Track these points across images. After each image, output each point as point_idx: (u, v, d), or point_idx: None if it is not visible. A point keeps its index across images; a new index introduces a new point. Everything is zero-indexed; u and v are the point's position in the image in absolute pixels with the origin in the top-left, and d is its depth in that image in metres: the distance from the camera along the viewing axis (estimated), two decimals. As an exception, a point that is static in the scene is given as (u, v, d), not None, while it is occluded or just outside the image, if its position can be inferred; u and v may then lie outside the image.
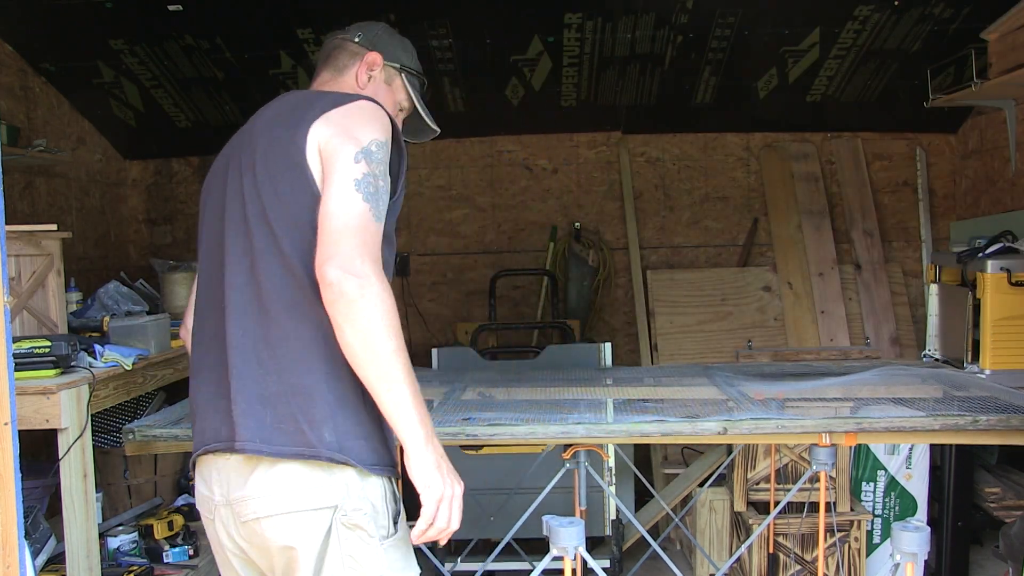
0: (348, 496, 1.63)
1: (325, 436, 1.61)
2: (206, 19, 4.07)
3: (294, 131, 1.67)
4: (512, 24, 4.27)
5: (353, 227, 1.56)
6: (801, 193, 5.11)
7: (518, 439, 2.43)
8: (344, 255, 1.53)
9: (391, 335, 1.55)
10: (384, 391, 1.56)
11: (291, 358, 1.63)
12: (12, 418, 1.45)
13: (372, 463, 1.65)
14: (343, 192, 1.58)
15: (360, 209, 1.57)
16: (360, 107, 1.71)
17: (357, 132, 1.65)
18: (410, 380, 1.57)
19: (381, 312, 1.53)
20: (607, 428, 2.41)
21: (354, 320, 1.53)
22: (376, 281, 1.54)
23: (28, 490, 2.98)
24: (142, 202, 5.24)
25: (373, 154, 1.63)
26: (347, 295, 1.52)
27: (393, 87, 1.96)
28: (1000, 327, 3.12)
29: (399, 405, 1.57)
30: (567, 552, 2.15)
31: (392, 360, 1.55)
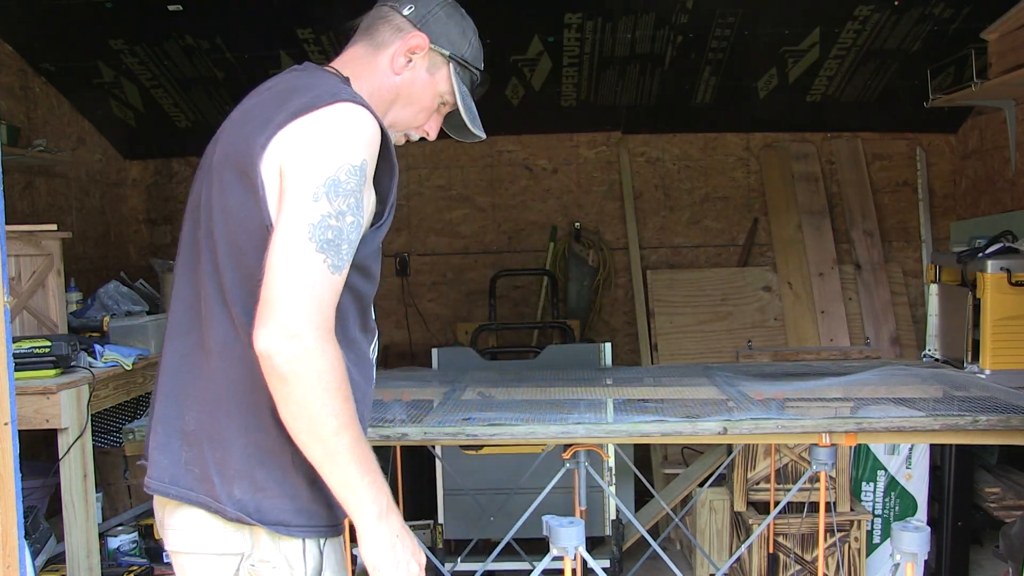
0: (257, 547, 1.47)
1: (235, 492, 1.44)
2: (206, 19, 4.07)
3: (256, 137, 1.42)
4: (512, 24, 4.27)
5: (299, 285, 1.33)
6: (801, 193, 5.10)
7: (518, 439, 2.43)
8: (281, 320, 1.32)
9: (329, 416, 1.34)
10: (327, 473, 1.38)
11: (214, 399, 1.45)
12: (12, 418, 1.45)
13: (293, 524, 1.46)
14: (292, 240, 1.34)
15: (310, 263, 1.34)
16: (334, 116, 1.41)
17: (324, 155, 1.38)
18: (358, 460, 1.38)
19: (319, 390, 1.33)
20: (607, 428, 2.41)
21: (286, 400, 1.34)
22: (316, 355, 1.32)
23: (28, 490, 2.98)
24: (142, 202, 5.24)
25: (340, 185, 1.37)
26: (278, 370, 1.32)
27: (436, 77, 1.64)
28: (1000, 327, 3.12)
29: (345, 487, 1.39)
30: (567, 552, 2.15)
31: (334, 444, 1.36)
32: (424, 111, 1.66)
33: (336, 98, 1.43)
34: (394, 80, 1.60)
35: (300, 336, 1.32)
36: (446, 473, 3.79)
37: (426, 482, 4.08)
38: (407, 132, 1.69)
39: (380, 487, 1.42)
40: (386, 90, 1.61)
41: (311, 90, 1.45)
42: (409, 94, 1.62)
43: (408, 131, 1.69)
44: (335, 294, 1.38)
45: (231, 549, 1.48)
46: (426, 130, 1.69)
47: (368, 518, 1.41)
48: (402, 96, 1.62)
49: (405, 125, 1.67)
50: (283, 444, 1.42)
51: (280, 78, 1.55)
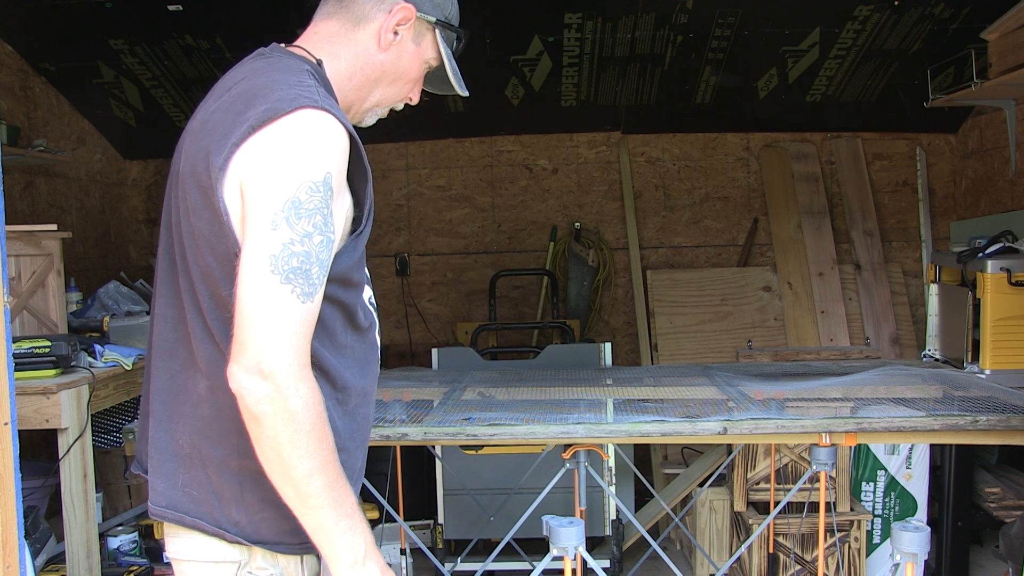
0: (254, 558, 1.45)
1: (233, 514, 1.41)
2: (206, 19, 4.08)
3: (215, 156, 1.33)
4: (512, 24, 4.27)
5: (266, 322, 1.27)
6: (801, 193, 5.11)
7: (518, 439, 2.43)
8: (251, 359, 1.27)
9: (302, 458, 1.29)
10: (301, 516, 1.33)
11: (206, 420, 1.42)
12: (12, 418, 1.45)
13: (291, 543, 1.43)
14: (255, 275, 1.27)
15: (276, 297, 1.27)
16: (293, 127, 1.31)
17: (281, 176, 1.29)
18: (332, 503, 1.32)
19: (291, 432, 1.28)
20: (607, 428, 2.41)
21: (259, 439, 1.30)
22: (289, 392, 1.27)
23: (28, 490, 2.98)
24: (142, 202, 5.24)
25: (301, 206, 1.28)
26: (250, 410, 1.28)
27: (422, 45, 1.58)
28: (1000, 327, 3.12)
29: (319, 531, 1.33)
30: (567, 552, 2.15)
31: (306, 484, 1.30)
32: (411, 83, 1.59)
33: (295, 104, 1.32)
34: (380, 58, 1.52)
35: (271, 375, 1.27)
36: (446, 473, 3.80)
37: (426, 482, 4.08)
38: (393, 105, 1.62)
39: (358, 532, 1.36)
40: (370, 68, 1.53)
41: (271, 93, 1.34)
42: (396, 70, 1.55)
43: (394, 104, 1.62)
44: (308, 323, 1.31)
45: (228, 558, 1.46)
46: (410, 98, 1.63)
47: (344, 565, 1.35)
48: (388, 73, 1.55)
49: (391, 100, 1.60)
50: None
51: (242, 70, 1.45)
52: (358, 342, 1.50)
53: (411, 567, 3.50)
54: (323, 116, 1.33)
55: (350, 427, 1.49)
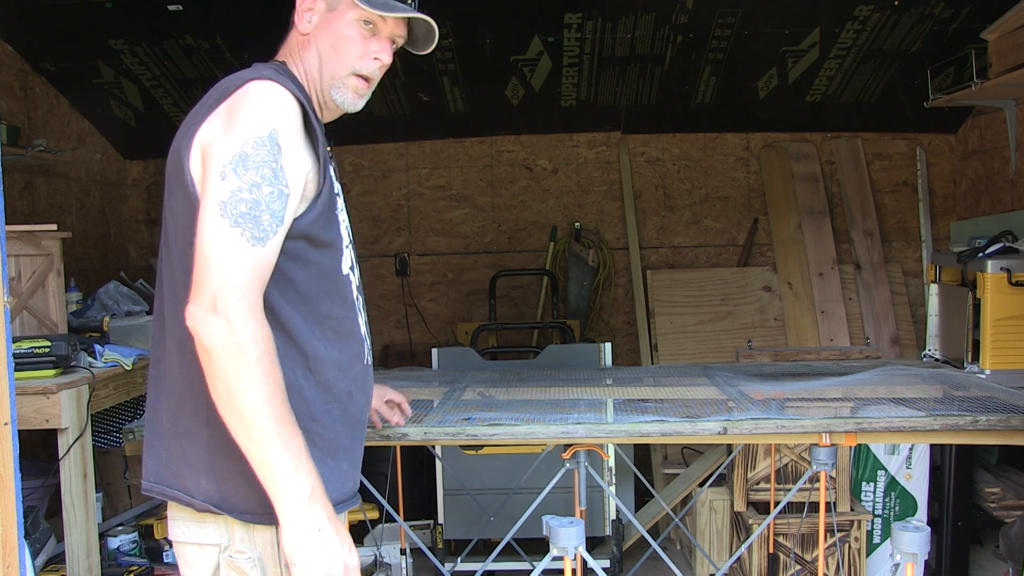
0: (232, 539, 1.51)
1: (202, 483, 1.48)
2: (206, 19, 4.08)
3: (183, 138, 1.50)
4: (512, 24, 4.27)
5: (217, 262, 1.37)
6: (801, 193, 5.11)
7: (518, 439, 2.43)
8: (203, 298, 1.36)
9: (249, 390, 1.36)
10: (248, 451, 1.39)
11: (179, 397, 1.50)
12: (12, 418, 1.45)
13: (258, 512, 1.47)
14: (208, 220, 1.39)
15: (226, 238, 1.37)
16: (241, 96, 1.46)
17: (230, 134, 1.42)
18: (279, 438, 1.37)
19: (237, 364, 1.35)
20: (607, 428, 2.41)
21: (209, 372, 1.38)
22: (237, 327, 1.35)
23: (28, 490, 2.98)
24: (142, 202, 5.24)
25: (248, 159, 1.40)
26: (202, 343, 1.36)
27: (340, 8, 1.61)
28: (1000, 327, 3.12)
29: (264, 466, 1.38)
30: (567, 552, 2.15)
31: (251, 415, 1.36)
32: (353, 42, 1.62)
33: (244, 80, 1.48)
34: (307, 38, 1.62)
35: (223, 311, 1.36)
36: (446, 473, 3.80)
37: (426, 482, 4.08)
38: (360, 72, 1.64)
39: (304, 472, 1.39)
40: (307, 51, 1.62)
41: (229, 82, 1.50)
42: (328, 41, 1.61)
43: (358, 71, 1.64)
44: (259, 266, 1.40)
45: (209, 540, 1.53)
46: (374, 57, 1.63)
47: (288, 503, 1.39)
48: (323, 46, 1.61)
49: (348, 68, 1.63)
50: None
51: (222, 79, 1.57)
52: (344, 317, 1.58)
53: (411, 567, 3.50)
54: (269, 84, 1.47)
55: (323, 398, 1.55)
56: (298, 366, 1.51)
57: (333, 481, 1.55)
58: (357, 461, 1.66)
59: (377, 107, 4.79)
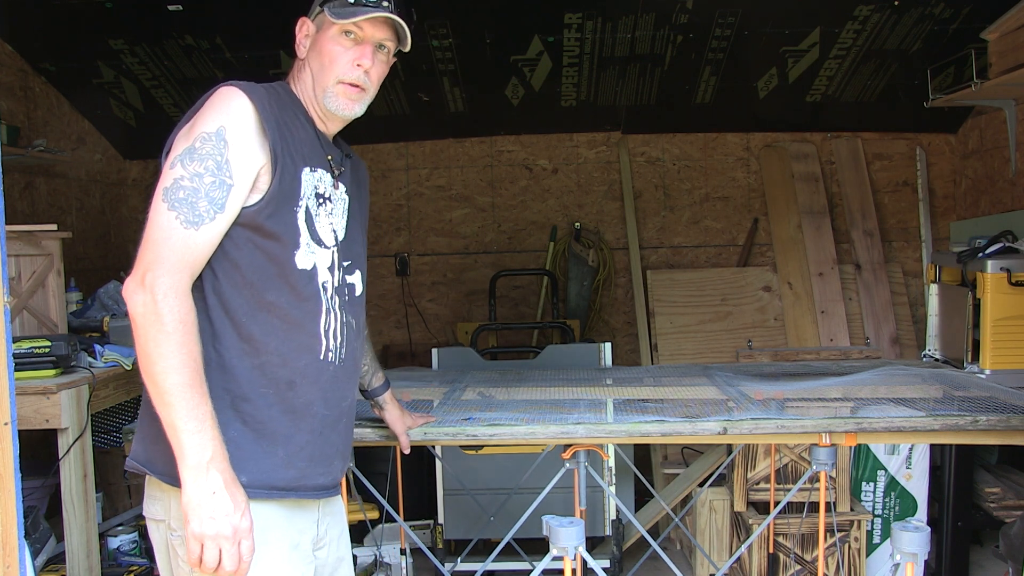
0: (170, 515, 1.63)
1: (135, 445, 1.67)
2: (206, 19, 4.08)
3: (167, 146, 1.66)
4: (512, 24, 4.27)
5: (152, 240, 1.54)
6: (801, 193, 5.11)
7: (518, 439, 2.43)
8: (137, 271, 1.53)
9: (162, 354, 1.48)
10: (160, 415, 1.51)
11: None
12: (12, 418, 1.45)
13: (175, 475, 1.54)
14: (153, 204, 1.56)
15: (162, 221, 1.54)
16: (211, 98, 1.64)
17: (192, 130, 1.60)
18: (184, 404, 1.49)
19: (153, 332, 1.49)
20: (607, 428, 2.41)
21: (135, 339, 1.52)
22: (158, 298, 1.49)
23: (28, 490, 2.98)
24: (142, 202, 5.23)
25: (195, 152, 1.57)
26: (131, 312, 1.52)
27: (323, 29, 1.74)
28: (1000, 327, 3.12)
29: (170, 428, 1.50)
30: (567, 552, 2.15)
31: (161, 380, 1.49)
32: (337, 54, 1.74)
33: (218, 87, 1.65)
34: (303, 61, 1.78)
35: (148, 285, 1.50)
36: (446, 473, 3.80)
37: (426, 482, 4.08)
38: (344, 79, 1.74)
39: (207, 437, 1.50)
40: (303, 72, 1.77)
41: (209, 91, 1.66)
42: (317, 58, 1.75)
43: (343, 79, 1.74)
44: (190, 249, 1.55)
45: (156, 515, 1.66)
46: (355, 64, 1.74)
47: (188, 464, 1.50)
48: (314, 64, 1.76)
49: (335, 77, 1.74)
50: None
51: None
52: (292, 308, 1.65)
53: (411, 567, 3.50)
54: (229, 88, 1.63)
55: (258, 381, 1.63)
56: (233, 346, 1.62)
57: (264, 464, 1.64)
58: (301, 452, 1.69)
59: (377, 107, 4.78)
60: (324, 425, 1.73)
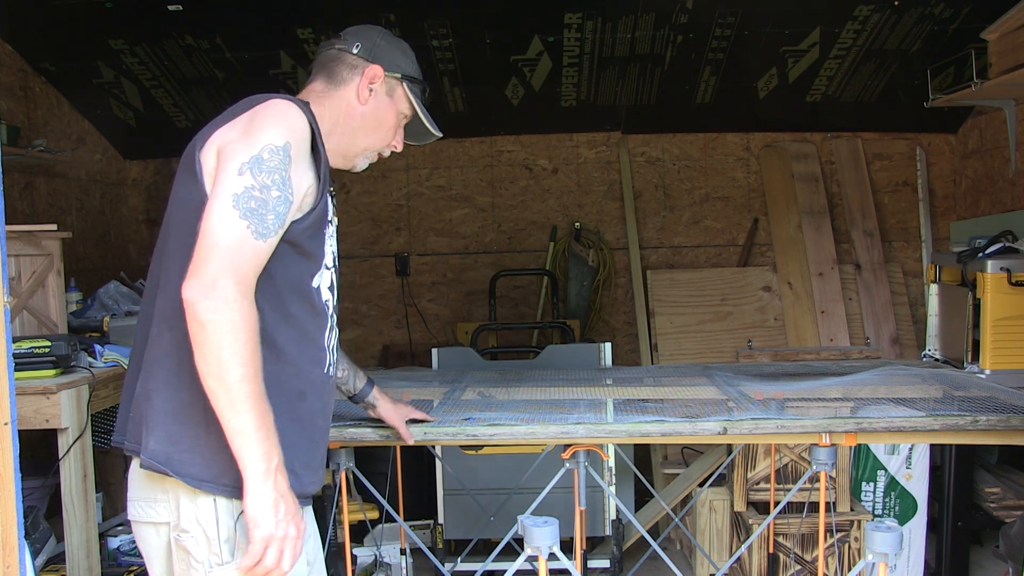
0: (179, 516, 1.62)
1: (150, 443, 1.60)
2: (206, 19, 4.08)
3: (201, 137, 1.65)
4: (512, 24, 4.27)
5: (223, 247, 1.52)
6: (801, 193, 5.11)
7: (518, 439, 2.43)
8: (205, 275, 1.50)
9: (236, 365, 1.50)
10: (227, 420, 1.52)
11: (149, 363, 1.64)
12: (12, 418, 1.45)
13: (200, 478, 1.59)
14: (219, 208, 1.54)
15: (235, 228, 1.53)
16: (268, 107, 1.64)
17: (253, 136, 1.59)
18: (256, 411, 1.52)
19: (230, 339, 1.49)
20: (607, 428, 2.41)
21: (201, 344, 1.50)
22: (233, 306, 1.49)
23: (28, 490, 2.98)
24: (142, 202, 5.24)
25: (263, 163, 1.56)
26: (198, 318, 1.49)
27: (395, 97, 1.88)
28: (1000, 327, 3.12)
29: (238, 435, 1.52)
30: (541, 552, 2.15)
31: (236, 392, 1.50)
32: (391, 129, 1.90)
33: (269, 98, 1.66)
34: (360, 109, 1.84)
35: (221, 289, 1.49)
36: (446, 473, 3.80)
37: (426, 482, 4.08)
38: (383, 153, 1.93)
39: (272, 446, 1.55)
40: (353, 118, 1.83)
41: (253, 99, 1.67)
42: (376, 118, 1.86)
43: (383, 152, 1.92)
44: (257, 258, 1.56)
45: (160, 518, 1.64)
46: (394, 145, 1.93)
47: (256, 471, 1.53)
48: (369, 121, 1.85)
49: (377, 145, 1.90)
50: (199, 404, 1.56)
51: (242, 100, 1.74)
52: (308, 321, 1.71)
53: (411, 567, 3.50)
54: (289, 104, 1.65)
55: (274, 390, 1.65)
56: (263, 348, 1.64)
57: None
58: (300, 461, 1.72)
59: (377, 107, 4.79)
60: (321, 436, 1.79)
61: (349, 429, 2.37)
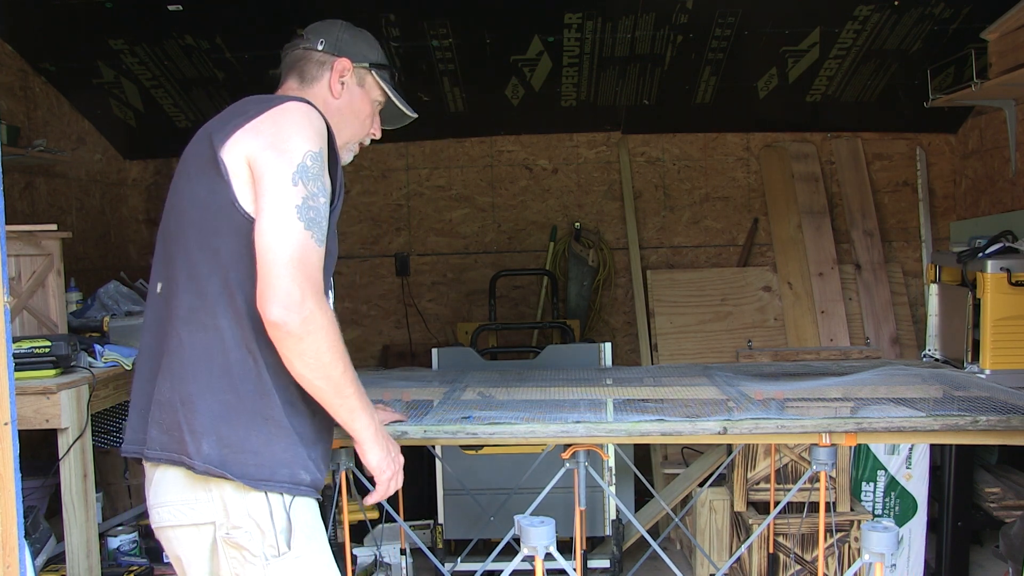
0: (226, 514, 1.64)
1: (203, 448, 1.62)
2: (206, 19, 4.08)
3: (216, 135, 1.65)
4: (512, 24, 4.27)
5: (296, 260, 1.56)
6: (801, 193, 5.11)
7: (518, 439, 2.43)
8: (286, 292, 1.54)
9: (337, 360, 1.63)
10: (338, 407, 1.69)
11: (181, 366, 1.64)
12: (12, 418, 1.45)
13: (255, 478, 1.63)
14: (282, 221, 1.56)
15: (301, 239, 1.57)
16: (290, 111, 1.66)
17: (289, 145, 1.61)
18: (357, 391, 1.70)
19: (327, 344, 1.60)
20: (607, 428, 2.41)
21: (302, 355, 1.59)
22: (319, 314, 1.58)
23: (28, 490, 2.98)
24: (142, 202, 5.24)
25: (309, 170, 1.60)
26: (293, 334, 1.56)
27: (367, 87, 1.93)
28: (1000, 327, 3.12)
29: (352, 413, 1.71)
30: (537, 552, 2.15)
31: (342, 381, 1.66)
32: (368, 118, 1.95)
33: (286, 99, 1.71)
34: (337, 104, 1.88)
35: (305, 302, 1.55)
36: (446, 473, 3.79)
37: (426, 482, 4.08)
38: (363, 142, 1.98)
39: (371, 412, 1.76)
40: (331, 112, 1.85)
41: (264, 99, 1.72)
42: (352, 110, 1.91)
43: (363, 141, 1.98)
44: (321, 264, 1.62)
45: (204, 519, 1.65)
46: (373, 132, 1.99)
47: (370, 434, 1.76)
48: (346, 114, 1.90)
49: (357, 136, 1.95)
50: (250, 400, 1.62)
51: (238, 102, 1.78)
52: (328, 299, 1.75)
53: (411, 567, 3.50)
54: (310, 107, 1.70)
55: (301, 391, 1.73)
56: None
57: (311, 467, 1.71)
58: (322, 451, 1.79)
59: (377, 107, 4.79)
60: (331, 428, 1.84)
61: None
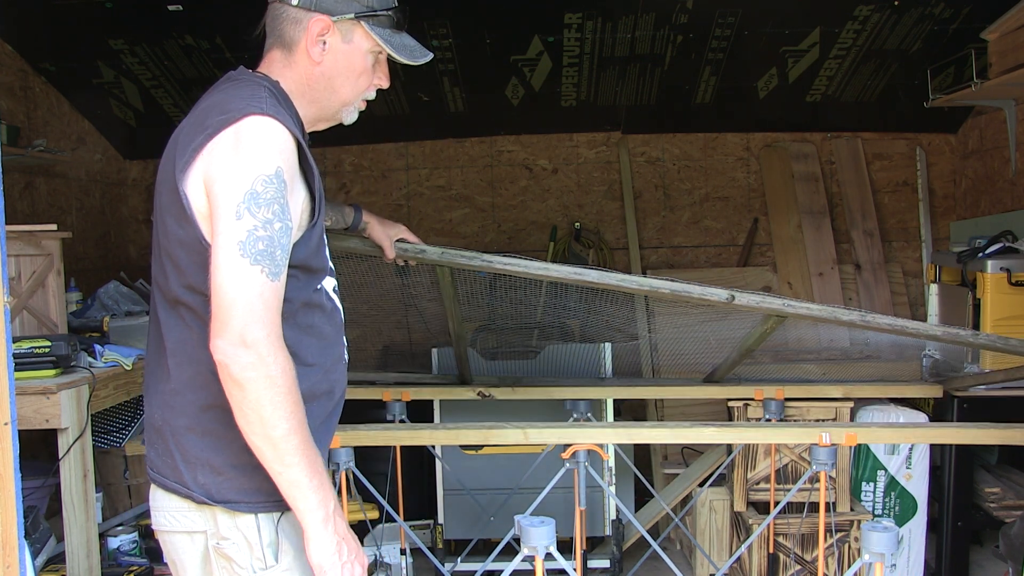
0: (217, 526, 1.61)
1: (199, 478, 1.58)
2: (206, 19, 4.07)
3: (179, 159, 1.53)
4: (512, 24, 4.27)
5: (243, 300, 1.43)
6: (801, 193, 5.10)
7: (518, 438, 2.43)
8: (232, 332, 1.43)
9: (282, 416, 1.45)
10: (277, 474, 1.49)
11: (172, 395, 1.59)
12: (12, 418, 1.45)
13: (245, 501, 1.59)
14: (228, 260, 1.44)
15: (248, 277, 1.44)
16: (244, 131, 1.49)
17: (237, 173, 1.46)
18: (305, 460, 1.48)
19: (270, 395, 1.44)
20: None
21: (240, 403, 1.45)
22: (268, 360, 1.44)
23: (28, 490, 2.98)
24: (142, 202, 5.23)
25: (259, 196, 1.45)
26: (235, 377, 1.43)
27: (355, 41, 1.67)
28: (1000, 327, 3.12)
29: (294, 487, 1.49)
30: (537, 552, 2.16)
31: (284, 447, 1.46)
32: (363, 74, 1.71)
33: (244, 112, 1.50)
34: (320, 69, 1.66)
35: (253, 345, 1.43)
36: (446, 473, 3.79)
37: (426, 482, 4.08)
38: (368, 97, 1.75)
39: (327, 491, 1.52)
40: (316, 79, 1.67)
41: (226, 106, 1.53)
42: (341, 70, 1.67)
43: (367, 97, 1.75)
44: (278, 300, 1.48)
45: (197, 527, 1.63)
46: (376, 83, 1.74)
47: (315, 520, 1.52)
48: (335, 77, 1.67)
49: (356, 95, 1.72)
50: (237, 433, 1.50)
51: (211, 91, 1.64)
52: (323, 324, 1.67)
53: (411, 567, 3.50)
54: (268, 120, 1.50)
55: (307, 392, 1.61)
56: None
57: None
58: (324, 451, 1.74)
59: (377, 107, 4.79)
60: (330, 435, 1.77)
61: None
